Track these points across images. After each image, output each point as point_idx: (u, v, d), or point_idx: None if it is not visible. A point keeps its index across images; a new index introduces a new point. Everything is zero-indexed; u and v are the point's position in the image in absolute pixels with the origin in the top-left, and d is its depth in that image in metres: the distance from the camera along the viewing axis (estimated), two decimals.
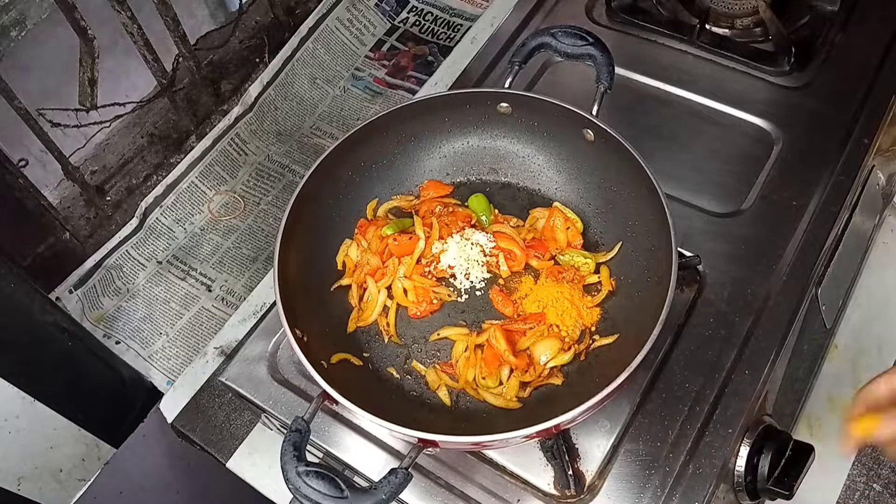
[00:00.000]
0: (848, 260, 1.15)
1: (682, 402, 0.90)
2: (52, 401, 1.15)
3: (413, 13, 1.71)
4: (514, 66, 0.99)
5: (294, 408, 0.94)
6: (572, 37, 0.96)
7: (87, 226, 1.46)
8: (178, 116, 1.55)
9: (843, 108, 1.11)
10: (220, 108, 1.60)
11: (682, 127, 1.13)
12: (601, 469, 0.87)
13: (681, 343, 0.94)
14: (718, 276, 0.98)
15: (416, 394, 0.91)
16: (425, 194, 1.04)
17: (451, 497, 0.88)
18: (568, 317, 0.91)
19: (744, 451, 0.89)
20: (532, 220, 1.00)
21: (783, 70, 1.16)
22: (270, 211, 1.49)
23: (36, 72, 1.40)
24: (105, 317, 1.37)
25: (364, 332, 0.95)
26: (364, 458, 0.92)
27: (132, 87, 1.54)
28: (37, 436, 1.16)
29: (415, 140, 1.03)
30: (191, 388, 1.12)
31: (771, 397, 0.98)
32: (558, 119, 0.96)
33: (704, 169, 1.09)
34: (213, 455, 1.08)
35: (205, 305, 1.38)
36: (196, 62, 1.50)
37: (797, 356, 1.05)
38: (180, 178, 1.49)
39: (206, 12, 1.72)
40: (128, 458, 1.48)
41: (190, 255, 1.44)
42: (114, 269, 1.41)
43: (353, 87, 1.64)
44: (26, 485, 1.18)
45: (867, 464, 1.21)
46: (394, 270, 0.96)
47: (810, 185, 1.05)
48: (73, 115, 1.38)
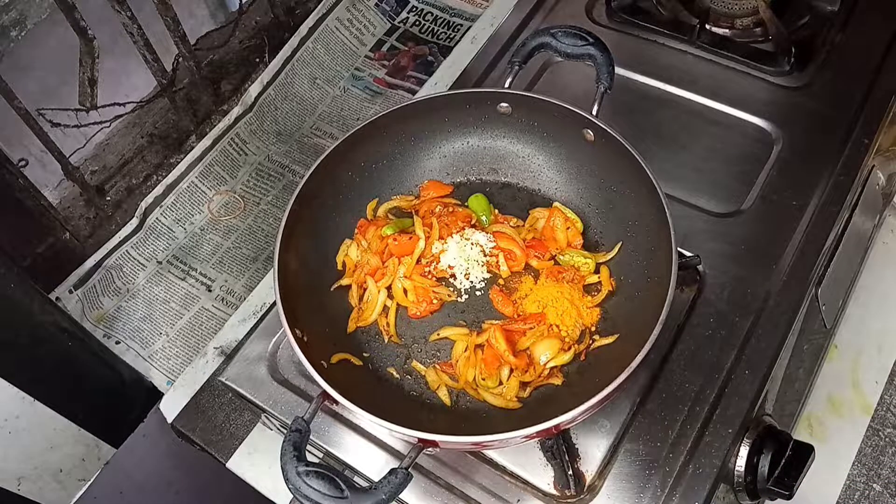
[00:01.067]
0: (848, 260, 1.15)
1: (682, 402, 0.90)
2: (52, 401, 1.15)
3: (413, 13, 1.71)
4: (514, 66, 0.99)
5: (294, 408, 0.94)
6: (572, 37, 0.96)
7: (87, 226, 1.46)
8: (178, 116, 1.55)
9: (843, 108, 1.11)
10: (220, 108, 1.60)
11: (682, 127, 1.13)
12: (601, 469, 0.87)
13: (681, 343, 0.94)
14: (718, 276, 0.98)
15: (416, 394, 0.91)
16: (425, 194, 1.04)
17: (451, 497, 0.88)
18: (568, 317, 0.91)
19: (744, 451, 0.89)
20: (532, 220, 1.00)
21: (783, 70, 1.16)
22: (270, 211, 1.49)
23: (36, 72, 1.40)
24: (105, 317, 1.37)
25: (364, 332, 0.95)
26: (364, 458, 0.92)
27: (132, 87, 1.54)
28: (37, 436, 1.16)
29: (415, 140, 1.03)
30: (191, 388, 1.12)
31: (771, 397, 0.98)
32: (558, 119, 0.96)
33: (704, 169, 1.09)
34: (213, 455, 1.08)
35: (205, 305, 1.38)
36: (196, 62, 1.50)
37: (797, 356, 1.05)
38: (180, 178, 1.49)
39: (206, 12, 1.72)
40: (128, 458, 1.48)
41: (190, 255, 1.44)
42: (114, 269, 1.41)
43: (353, 87, 1.64)
44: (26, 485, 1.18)
45: (867, 464, 1.22)
46: (394, 270, 0.96)
47: (810, 185, 1.05)
48: (73, 115, 1.38)
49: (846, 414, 1.24)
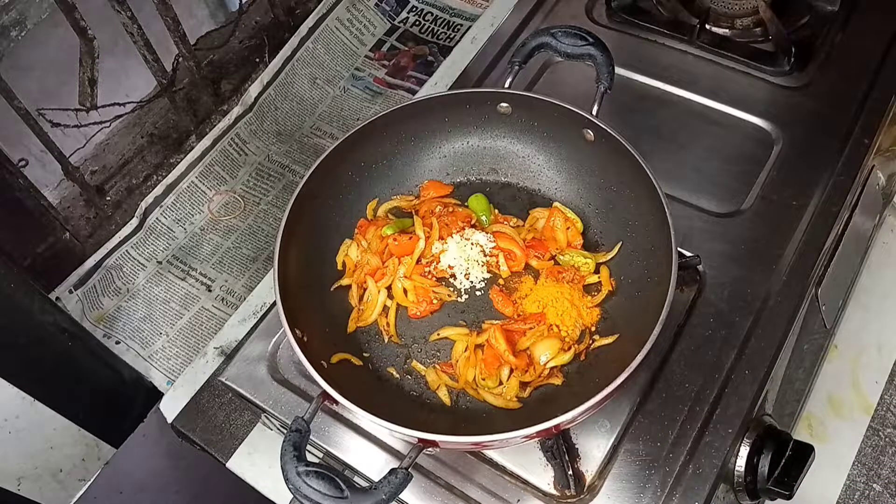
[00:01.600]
0: (848, 260, 1.15)
1: (682, 402, 0.90)
2: (52, 401, 1.15)
3: (413, 13, 1.71)
4: (514, 66, 0.99)
5: (294, 408, 0.94)
6: (572, 37, 0.96)
7: (87, 226, 1.46)
8: (178, 116, 1.55)
9: (843, 108, 1.11)
10: (220, 108, 1.60)
11: (682, 127, 1.13)
12: (601, 469, 0.87)
13: (681, 343, 0.94)
14: (718, 276, 0.98)
15: (416, 394, 0.91)
16: (425, 194, 1.04)
17: (451, 497, 0.88)
18: (568, 317, 0.91)
19: (744, 451, 0.89)
20: (532, 220, 1.00)
21: (783, 70, 1.16)
22: (270, 211, 1.49)
23: (36, 72, 1.40)
24: (105, 317, 1.37)
25: (364, 332, 0.95)
26: (364, 458, 0.92)
27: (132, 87, 1.54)
28: (37, 436, 1.16)
29: (415, 140, 1.03)
30: (191, 388, 1.12)
31: (771, 397, 0.98)
32: (558, 119, 0.96)
33: (704, 169, 1.09)
34: (213, 455, 1.08)
35: (205, 305, 1.38)
36: (196, 62, 1.50)
37: (797, 356, 1.05)
38: (180, 178, 1.49)
39: (206, 12, 1.72)
40: (128, 458, 1.48)
41: (190, 255, 1.44)
42: (114, 269, 1.41)
43: (353, 87, 1.64)
44: (26, 485, 1.18)
45: (867, 464, 1.22)
46: (394, 270, 0.96)
47: (810, 185, 1.05)
48: (73, 115, 1.38)
49: (846, 414, 1.24)
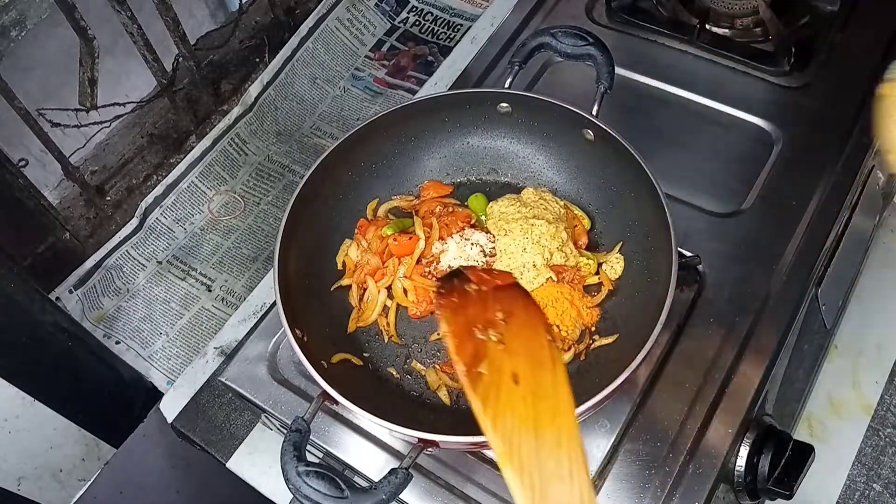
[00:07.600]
0: (848, 260, 1.15)
1: (682, 402, 0.90)
2: (52, 401, 1.15)
3: (413, 13, 1.71)
4: (514, 67, 0.99)
5: (294, 408, 0.94)
6: (572, 37, 0.96)
7: (87, 226, 1.46)
8: (178, 116, 1.55)
9: (843, 108, 1.11)
10: (220, 108, 1.60)
11: (682, 127, 1.13)
12: (601, 469, 0.87)
13: (681, 343, 0.94)
14: (718, 276, 0.98)
15: (416, 394, 0.91)
16: (425, 194, 1.04)
17: (451, 497, 0.88)
18: (568, 317, 0.91)
19: (744, 451, 0.89)
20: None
21: (783, 70, 1.16)
22: (270, 211, 1.49)
23: (36, 72, 1.40)
24: (105, 317, 1.37)
25: (364, 332, 0.95)
26: (364, 458, 0.92)
27: (132, 87, 1.54)
28: (37, 436, 1.16)
29: (415, 140, 1.03)
30: (191, 388, 1.12)
31: (771, 397, 0.98)
32: (558, 119, 0.96)
33: (704, 169, 1.09)
34: (213, 455, 1.08)
35: (205, 305, 1.38)
36: (196, 62, 1.50)
37: (797, 356, 1.05)
38: (180, 178, 1.49)
39: (206, 12, 1.72)
40: (128, 458, 1.48)
41: (190, 255, 1.44)
42: (114, 269, 1.41)
43: (353, 87, 1.64)
44: (26, 485, 1.18)
45: (867, 464, 1.22)
46: (394, 270, 0.96)
47: (810, 185, 1.05)
48: (73, 115, 1.38)
49: (846, 414, 1.24)
